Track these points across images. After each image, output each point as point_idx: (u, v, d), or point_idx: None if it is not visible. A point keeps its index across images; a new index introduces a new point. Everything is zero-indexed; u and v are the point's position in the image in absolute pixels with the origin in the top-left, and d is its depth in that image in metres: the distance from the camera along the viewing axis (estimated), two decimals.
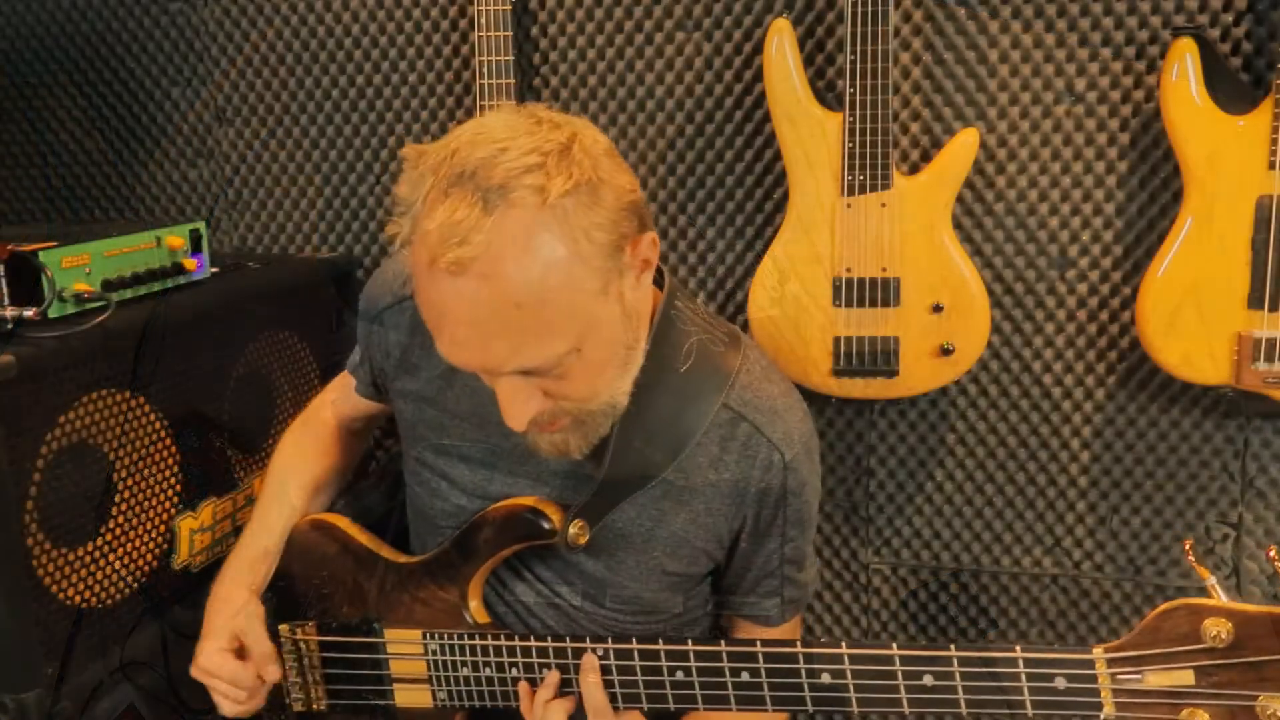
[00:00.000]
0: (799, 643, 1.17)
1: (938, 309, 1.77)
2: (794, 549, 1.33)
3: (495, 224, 1.02)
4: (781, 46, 1.77)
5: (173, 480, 1.62)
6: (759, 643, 1.19)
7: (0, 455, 1.32)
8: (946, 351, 1.78)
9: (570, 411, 1.16)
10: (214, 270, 1.74)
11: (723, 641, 1.20)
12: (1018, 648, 1.09)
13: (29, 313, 1.40)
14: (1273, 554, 1.07)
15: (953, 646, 1.11)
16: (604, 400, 1.17)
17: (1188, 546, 1.14)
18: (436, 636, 1.32)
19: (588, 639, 1.24)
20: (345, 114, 2.13)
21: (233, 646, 1.37)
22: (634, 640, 1.22)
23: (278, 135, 2.17)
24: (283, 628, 1.42)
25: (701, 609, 1.41)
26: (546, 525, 1.26)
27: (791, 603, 1.37)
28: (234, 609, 1.38)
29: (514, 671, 1.28)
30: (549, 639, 1.26)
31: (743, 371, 1.28)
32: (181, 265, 1.64)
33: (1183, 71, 1.63)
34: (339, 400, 1.56)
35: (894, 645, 1.13)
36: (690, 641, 1.21)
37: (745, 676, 1.18)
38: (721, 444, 1.27)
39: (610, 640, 1.23)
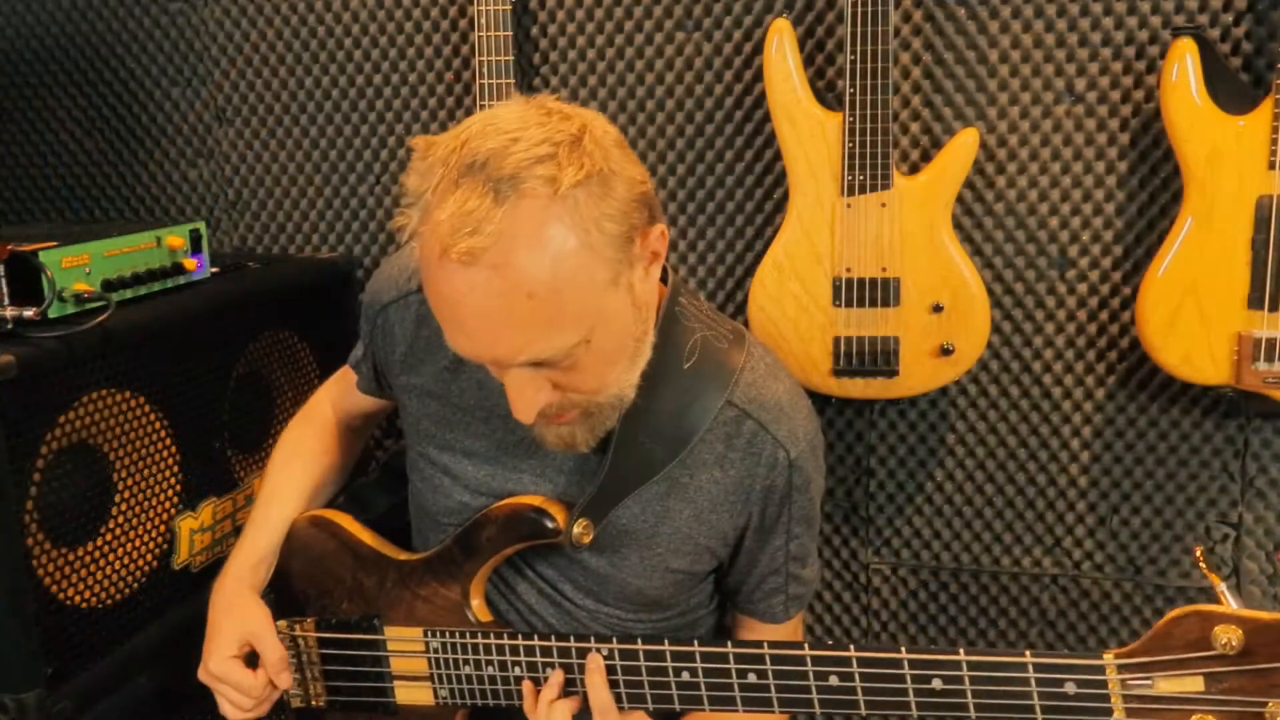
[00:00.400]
0: (807, 645, 1.16)
1: (938, 309, 1.77)
2: (799, 546, 1.33)
3: (507, 214, 1.02)
4: (781, 46, 1.77)
5: (173, 480, 1.62)
6: (766, 644, 1.18)
7: (0, 455, 1.32)
8: (946, 351, 1.78)
9: (579, 404, 1.16)
10: (214, 270, 1.74)
11: (729, 643, 1.20)
12: (1028, 653, 1.08)
13: (29, 313, 1.40)
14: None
15: (962, 650, 1.10)
16: (612, 393, 1.17)
17: (1199, 553, 1.14)
18: (438, 634, 1.32)
19: (592, 638, 1.24)
20: (345, 114, 2.13)
21: (243, 653, 1.37)
22: (639, 640, 1.22)
23: (278, 135, 2.17)
24: (280, 623, 1.41)
25: (705, 606, 1.41)
26: (550, 524, 1.25)
27: (796, 599, 1.37)
28: (243, 614, 1.37)
29: (516, 670, 1.27)
30: (553, 638, 1.26)
31: (747, 369, 1.28)
32: (181, 265, 1.64)
33: (1183, 71, 1.63)
34: (339, 396, 1.55)
35: (902, 649, 1.12)
36: (696, 642, 1.20)
37: (752, 678, 1.18)
38: (726, 441, 1.27)
39: (615, 640, 1.23)
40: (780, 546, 1.32)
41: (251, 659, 1.37)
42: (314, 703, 1.43)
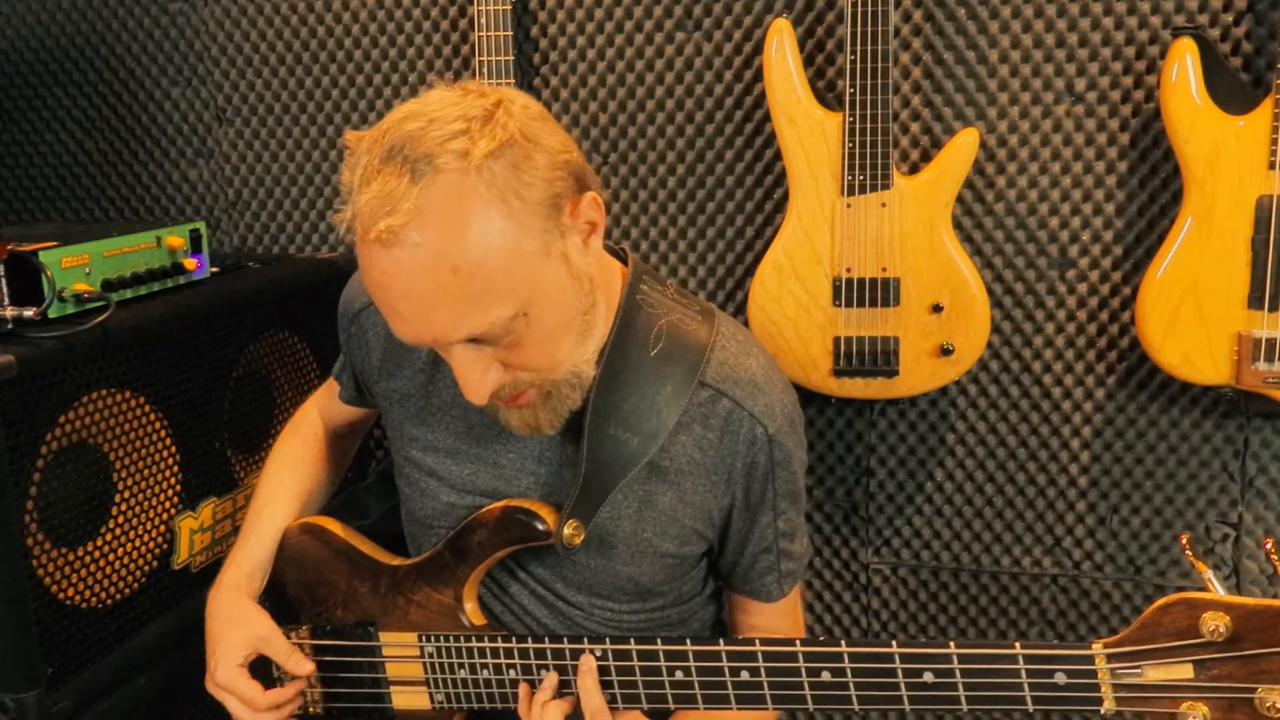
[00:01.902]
0: (799, 641, 1.17)
1: (938, 309, 1.77)
2: (787, 522, 1.33)
3: (421, 191, 1.03)
4: (781, 46, 1.77)
5: (173, 480, 1.62)
6: (758, 641, 1.18)
7: (0, 455, 1.32)
8: (946, 351, 1.78)
9: (533, 383, 1.16)
10: (214, 270, 1.75)
11: (721, 641, 1.20)
12: (1017, 644, 1.08)
13: (29, 313, 1.40)
14: (1270, 547, 1.07)
15: (952, 644, 1.11)
16: (567, 369, 1.17)
17: (1184, 540, 1.14)
18: (432, 639, 1.32)
19: (585, 639, 1.24)
20: (345, 114, 2.13)
21: (248, 660, 1.36)
22: (632, 641, 1.22)
23: (278, 135, 2.17)
24: None
25: (698, 594, 1.41)
26: (540, 527, 1.25)
27: (789, 575, 1.37)
28: (244, 621, 1.36)
29: (511, 673, 1.27)
30: (546, 640, 1.26)
31: (717, 347, 1.27)
32: (181, 265, 1.64)
33: (1183, 71, 1.63)
34: (326, 405, 1.55)
35: (893, 643, 1.13)
36: (689, 641, 1.20)
37: (745, 675, 1.18)
38: (703, 422, 1.26)
39: (608, 641, 1.23)
40: (769, 524, 1.32)
41: (255, 668, 1.37)
42: (311, 709, 1.43)
